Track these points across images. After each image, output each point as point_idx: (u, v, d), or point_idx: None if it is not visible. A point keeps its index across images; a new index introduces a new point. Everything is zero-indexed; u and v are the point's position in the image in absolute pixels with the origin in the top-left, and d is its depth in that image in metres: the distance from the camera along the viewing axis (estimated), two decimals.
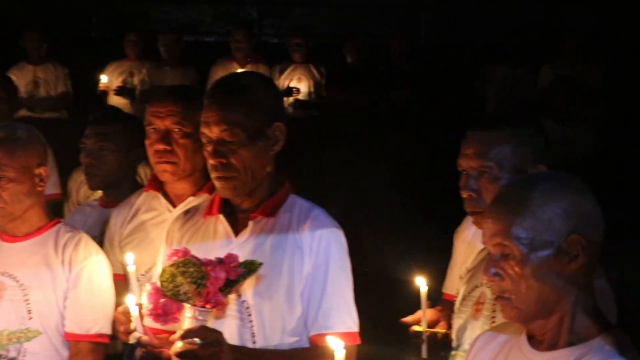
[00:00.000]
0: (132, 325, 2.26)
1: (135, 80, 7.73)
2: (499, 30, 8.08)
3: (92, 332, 2.72)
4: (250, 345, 2.30)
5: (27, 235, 2.75)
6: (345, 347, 2.04)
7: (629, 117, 7.20)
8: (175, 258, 2.24)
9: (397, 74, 7.79)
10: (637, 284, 4.02)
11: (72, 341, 2.71)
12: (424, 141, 7.18)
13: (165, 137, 2.81)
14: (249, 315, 2.31)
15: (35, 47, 7.32)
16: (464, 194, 2.28)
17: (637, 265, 4.22)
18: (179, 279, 2.19)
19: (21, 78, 7.17)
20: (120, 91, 7.54)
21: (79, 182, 4.01)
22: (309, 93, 7.78)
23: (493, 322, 2.19)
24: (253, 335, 2.31)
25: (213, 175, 2.35)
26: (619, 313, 2.25)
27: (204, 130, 2.35)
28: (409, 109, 7.59)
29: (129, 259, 2.44)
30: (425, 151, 6.89)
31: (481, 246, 2.36)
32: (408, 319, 2.78)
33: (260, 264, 2.24)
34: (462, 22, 10.22)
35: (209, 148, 2.34)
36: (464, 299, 2.35)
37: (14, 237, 2.76)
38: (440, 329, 2.77)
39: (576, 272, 1.80)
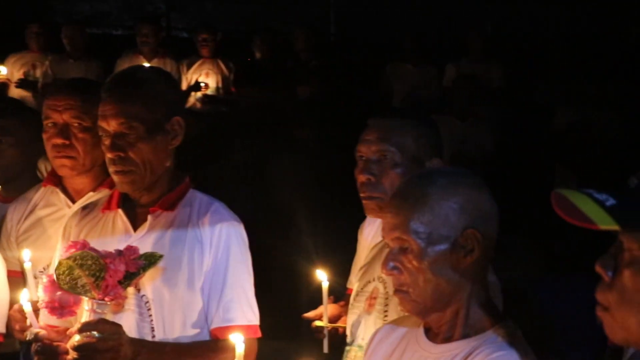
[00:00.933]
0: (28, 322, 2.20)
1: (38, 73, 7.53)
2: (406, 28, 8.19)
3: None
4: (149, 339, 2.28)
5: None
6: (246, 340, 2.05)
7: (529, 115, 7.41)
8: (73, 250, 2.19)
9: (303, 69, 7.83)
10: (522, 278, 4.14)
11: None
12: (329, 137, 7.23)
13: (64, 131, 2.75)
14: (149, 309, 2.30)
15: None
16: (362, 178, 2.31)
17: (524, 259, 4.35)
18: (77, 272, 2.15)
19: None
20: (22, 84, 7.34)
21: None
22: (217, 88, 7.73)
23: (385, 316, 2.23)
24: (152, 329, 2.29)
25: (111, 169, 2.33)
26: (508, 305, 2.31)
27: (102, 123, 2.33)
28: (314, 104, 7.63)
29: (26, 255, 2.39)
30: (331, 147, 6.94)
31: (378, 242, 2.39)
32: (310, 314, 2.79)
33: (161, 256, 2.23)
34: (371, 19, 10.33)
35: (107, 142, 2.32)
36: (357, 294, 2.38)
37: None
38: (342, 324, 2.79)
39: (471, 266, 1.85)
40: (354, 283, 2.91)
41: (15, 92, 7.29)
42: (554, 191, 1.31)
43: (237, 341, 2.00)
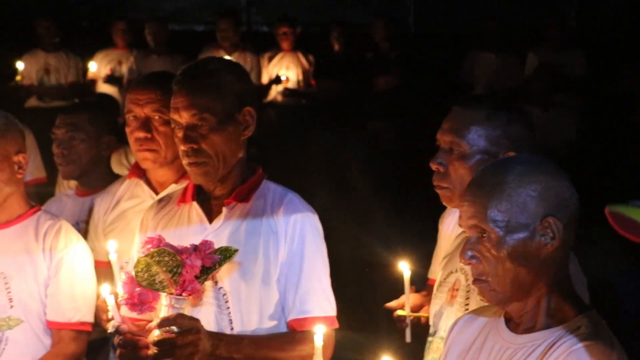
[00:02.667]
0: (110, 314, 2.24)
1: (124, 69, 7.71)
2: (487, 16, 8.05)
3: (74, 320, 2.72)
4: (228, 331, 2.30)
5: (8, 223, 2.75)
6: (324, 332, 2.04)
7: (613, 104, 7.21)
8: (149, 246, 2.22)
9: (383, 60, 7.79)
10: (606, 270, 4.03)
11: (54, 329, 2.71)
12: (407, 128, 7.19)
13: (146, 124, 2.80)
14: (226, 302, 2.31)
15: (47, 34, 7.29)
16: (432, 166, 2.28)
17: (609, 251, 4.23)
18: (154, 269, 2.18)
19: (33, 64, 7.15)
20: (109, 79, 7.53)
21: None
22: (298, 81, 7.77)
23: (466, 309, 2.20)
24: (231, 321, 2.31)
25: (184, 161, 2.35)
26: (592, 298, 2.25)
27: (174, 116, 2.35)
28: (392, 95, 7.60)
29: (111, 246, 2.43)
30: (408, 137, 6.90)
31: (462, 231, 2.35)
32: (392, 303, 2.78)
33: (236, 251, 2.24)
34: (450, 8, 10.21)
35: (180, 134, 2.34)
36: (440, 284, 2.35)
37: None
38: (424, 314, 2.77)
39: (551, 255, 1.81)
40: (435, 273, 2.89)
41: (102, 88, 7.48)
42: (607, 208, 1.27)
43: (317, 333, 1.99)
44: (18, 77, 6.95)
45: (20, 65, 7.00)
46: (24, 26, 7.78)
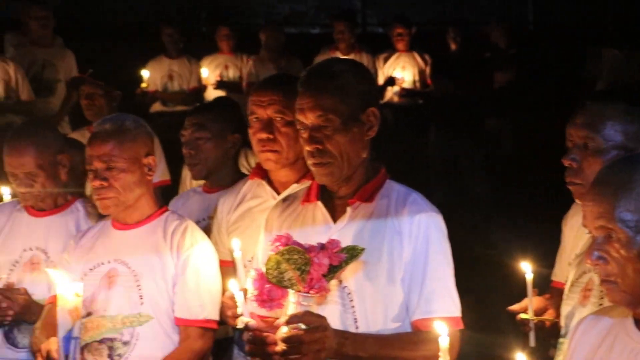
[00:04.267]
0: (239, 310, 2.30)
1: (230, 73, 7.86)
2: (608, 12, 7.83)
3: (200, 317, 2.79)
4: (352, 330, 2.31)
5: (138, 223, 2.86)
6: (449, 332, 2.03)
7: None
8: (278, 244, 2.27)
9: (500, 58, 7.68)
10: None
11: (182, 326, 2.80)
12: (525, 126, 7.05)
13: (268, 125, 2.85)
14: (351, 301, 2.32)
15: (171, 41, 7.54)
16: (565, 162, 2.23)
17: None
18: (284, 266, 2.22)
19: (157, 71, 7.41)
20: (220, 85, 7.70)
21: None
22: (414, 81, 7.75)
23: None
24: (355, 320, 2.32)
25: (309, 161, 2.38)
26: None
27: (299, 117, 2.38)
28: (510, 93, 7.47)
29: (236, 245, 2.49)
30: (526, 136, 6.77)
31: None
32: (515, 307, 2.73)
33: (363, 250, 2.26)
34: (571, 4, 9.95)
35: (305, 135, 2.37)
36: (572, 284, 2.30)
37: (125, 225, 2.86)
38: (548, 317, 2.71)
39: None
40: (559, 275, 2.83)
41: (213, 94, 7.64)
42: None
43: (442, 333, 1.98)
44: (144, 84, 7.18)
45: (145, 72, 7.23)
46: (150, 34, 8.04)
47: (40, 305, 2.99)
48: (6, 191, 3.39)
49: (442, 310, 2.33)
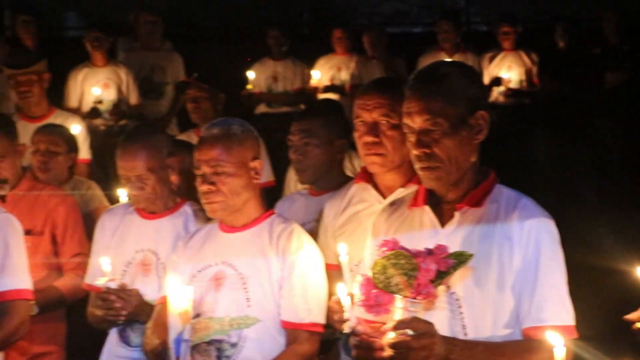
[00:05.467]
0: (346, 315, 2.29)
1: (343, 75, 7.88)
2: None
3: (307, 321, 2.81)
4: (461, 337, 2.27)
5: (244, 226, 2.89)
6: (563, 342, 1.97)
7: None
8: (385, 249, 2.25)
9: (612, 55, 7.42)
10: None
11: (288, 329, 2.81)
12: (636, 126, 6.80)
13: (373, 129, 2.84)
14: (459, 307, 2.29)
15: (276, 43, 7.63)
16: None
17: None
18: (390, 271, 2.21)
19: (262, 72, 7.51)
20: (329, 88, 7.73)
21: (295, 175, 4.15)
22: (520, 81, 7.60)
23: None
24: (464, 327, 2.28)
25: (417, 165, 2.35)
26: None
27: (406, 120, 2.35)
28: (623, 92, 7.22)
29: (342, 249, 2.48)
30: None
31: None
32: (631, 315, 2.63)
33: (471, 255, 2.22)
34: None
35: (412, 139, 2.34)
36: None
37: (232, 228, 2.90)
38: None
39: None
40: None
41: (323, 96, 7.67)
42: None
43: (557, 343, 1.93)
44: (249, 86, 7.28)
45: (250, 74, 7.33)
46: (255, 36, 8.14)
47: (151, 306, 3.06)
48: (123, 193, 3.49)
49: (554, 318, 2.26)
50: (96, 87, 6.43)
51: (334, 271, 2.88)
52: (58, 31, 11.43)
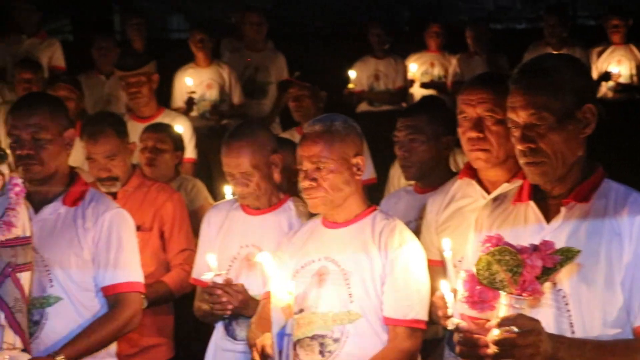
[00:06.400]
0: (449, 311, 2.27)
1: (435, 71, 7.83)
2: None
3: (409, 317, 2.80)
4: (568, 335, 2.22)
5: (347, 222, 2.90)
6: None
7: None
8: (488, 245, 2.22)
9: None
10: None
11: (390, 325, 2.81)
12: None
13: (478, 124, 2.81)
14: (566, 304, 2.24)
15: (378, 41, 7.64)
16: None
17: None
18: (495, 267, 2.18)
19: (364, 71, 7.54)
20: (427, 85, 7.68)
21: (400, 171, 4.15)
22: (630, 75, 7.37)
23: None
24: (571, 325, 2.23)
25: (521, 160, 2.31)
26: None
27: (511, 115, 2.32)
28: None
29: (446, 244, 2.47)
30: None
31: None
32: None
33: (578, 252, 2.17)
34: None
35: (517, 133, 2.30)
36: None
37: (335, 224, 2.92)
38: None
39: None
40: None
41: (418, 91, 7.64)
42: None
43: None
44: (351, 85, 7.30)
45: (352, 73, 7.35)
46: (356, 35, 8.17)
47: (256, 301, 3.11)
48: (228, 190, 3.55)
49: None
50: (189, 78, 6.55)
51: (436, 267, 2.87)
52: (163, 34, 11.75)
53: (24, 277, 2.87)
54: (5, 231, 2.82)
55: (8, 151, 2.99)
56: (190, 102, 6.42)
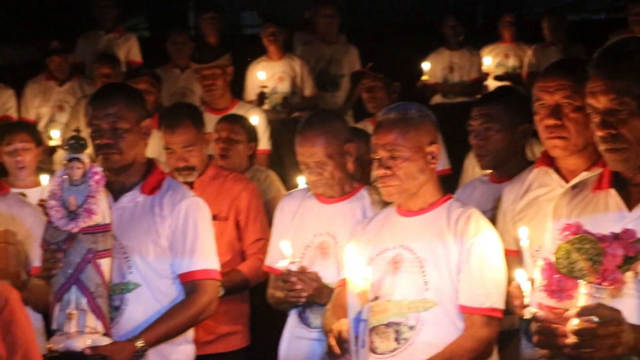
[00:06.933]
0: (526, 300, 2.24)
1: (510, 62, 7.73)
2: None
3: (485, 306, 2.77)
4: None
5: (422, 210, 2.89)
6: None
7: None
8: (567, 233, 2.19)
9: None
10: None
11: (466, 314, 2.79)
12: None
13: (555, 112, 2.76)
14: None
15: (452, 33, 7.60)
16: None
17: None
18: (574, 256, 2.14)
19: (438, 63, 7.51)
20: (501, 77, 7.59)
21: (474, 162, 4.12)
22: None
23: None
24: None
25: (601, 147, 2.26)
26: None
27: (590, 100, 2.26)
28: None
29: (522, 233, 2.43)
30: None
31: None
32: None
33: None
34: None
35: (596, 119, 2.25)
36: None
37: (410, 212, 2.91)
38: None
39: None
40: None
41: (493, 84, 7.54)
42: None
43: None
44: (425, 77, 7.26)
45: (426, 65, 7.31)
46: (429, 27, 8.12)
47: (330, 288, 3.12)
48: (301, 181, 3.58)
49: None
50: (261, 71, 6.60)
51: (512, 257, 2.84)
52: (236, 29, 11.86)
53: (104, 264, 2.93)
54: (86, 218, 2.88)
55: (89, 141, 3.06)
56: (261, 97, 6.47)
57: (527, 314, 2.22)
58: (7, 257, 3.36)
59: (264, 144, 5.35)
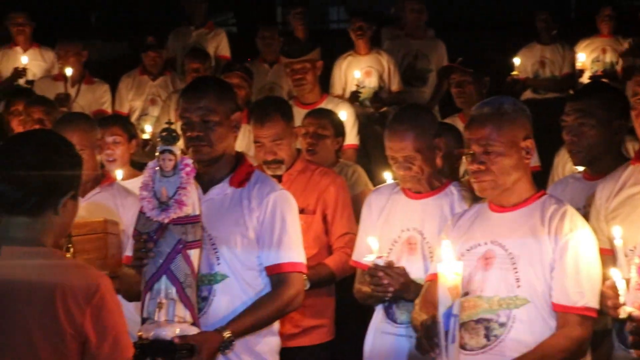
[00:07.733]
0: (622, 300, 2.18)
1: (607, 58, 7.52)
2: None
3: (580, 304, 2.71)
4: None
5: (515, 206, 2.84)
6: None
7: None
8: None
9: None
10: None
11: (559, 312, 2.73)
12: None
13: None
14: None
15: (545, 27, 7.46)
16: None
17: None
18: None
19: (529, 58, 7.39)
20: (596, 77, 7.40)
21: (565, 158, 4.03)
22: None
23: None
24: None
25: None
26: None
27: None
28: None
29: (616, 232, 2.37)
30: None
31: None
32: None
33: None
34: None
35: None
36: None
37: (502, 208, 2.86)
38: None
39: None
40: None
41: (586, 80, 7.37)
42: None
43: None
44: (515, 72, 7.13)
45: (516, 60, 7.19)
46: (521, 22, 7.98)
47: (417, 284, 3.09)
48: (388, 177, 3.56)
49: None
50: (357, 70, 6.58)
51: (605, 256, 2.76)
52: (323, 25, 11.91)
53: (194, 254, 2.97)
54: (177, 209, 2.92)
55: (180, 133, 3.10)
56: (355, 94, 6.44)
57: (623, 313, 2.17)
58: (105, 247, 3.43)
59: (351, 138, 5.33)
